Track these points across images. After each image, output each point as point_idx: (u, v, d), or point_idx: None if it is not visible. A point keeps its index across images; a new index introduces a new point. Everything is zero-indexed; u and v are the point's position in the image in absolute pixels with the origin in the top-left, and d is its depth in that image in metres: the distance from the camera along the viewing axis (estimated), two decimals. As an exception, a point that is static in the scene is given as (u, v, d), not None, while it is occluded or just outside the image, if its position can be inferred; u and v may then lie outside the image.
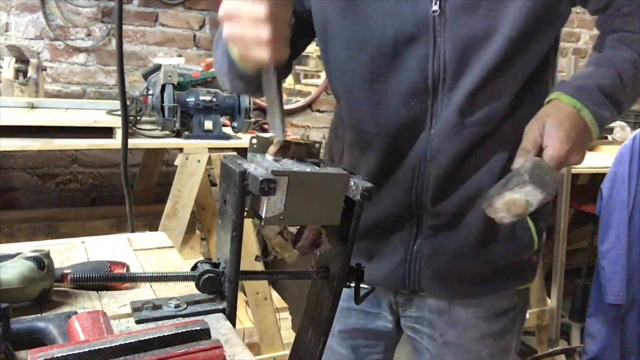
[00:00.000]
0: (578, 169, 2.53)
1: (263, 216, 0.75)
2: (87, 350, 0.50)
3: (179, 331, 0.56)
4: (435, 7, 0.89)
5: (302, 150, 0.81)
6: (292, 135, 2.76)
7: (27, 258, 0.80)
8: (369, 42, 0.95)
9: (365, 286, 0.88)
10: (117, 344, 0.52)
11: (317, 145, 0.82)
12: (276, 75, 0.79)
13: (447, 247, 1.01)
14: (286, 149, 0.78)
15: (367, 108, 1.00)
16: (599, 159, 2.71)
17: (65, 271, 0.85)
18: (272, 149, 0.79)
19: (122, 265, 0.93)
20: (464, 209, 0.99)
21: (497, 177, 0.96)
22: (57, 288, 0.85)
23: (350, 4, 0.95)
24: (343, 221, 0.79)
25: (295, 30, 1.01)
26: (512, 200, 0.86)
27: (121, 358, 0.51)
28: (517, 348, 1.17)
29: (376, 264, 1.07)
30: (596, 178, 2.90)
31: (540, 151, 0.89)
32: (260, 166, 0.76)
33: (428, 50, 0.92)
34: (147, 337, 0.54)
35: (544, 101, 0.95)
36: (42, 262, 0.80)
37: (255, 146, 0.81)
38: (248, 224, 2.06)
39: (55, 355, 0.49)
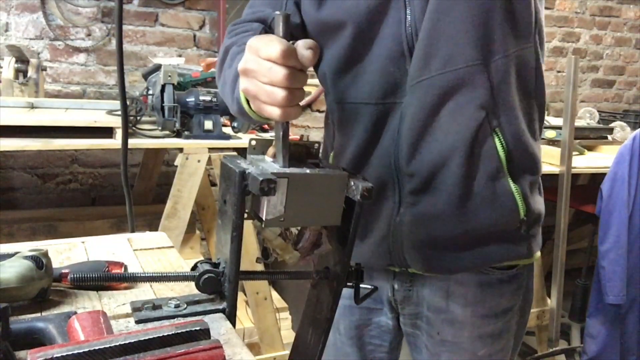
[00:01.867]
0: (578, 169, 2.53)
1: (263, 218, 0.75)
2: (86, 350, 0.50)
3: (179, 331, 0.56)
4: None
5: (302, 151, 0.81)
6: (292, 135, 2.76)
7: (26, 257, 0.80)
8: (346, 22, 0.97)
9: (367, 286, 0.88)
10: (117, 344, 0.52)
11: (316, 145, 0.82)
12: (285, 131, 0.77)
13: (425, 213, 1.00)
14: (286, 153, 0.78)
15: (351, 80, 1.01)
16: (599, 159, 2.71)
17: (63, 271, 0.85)
18: (271, 150, 0.79)
19: (120, 265, 0.93)
20: (437, 170, 0.98)
21: (470, 139, 0.96)
22: (56, 287, 0.85)
23: None
24: (343, 221, 0.79)
25: (301, 35, 1.04)
26: None
27: (121, 358, 0.51)
28: (517, 349, 1.16)
29: (365, 241, 1.06)
30: (596, 178, 2.90)
31: None
32: (260, 168, 0.76)
33: (400, 14, 0.95)
34: (146, 337, 0.54)
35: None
36: (40, 261, 0.80)
37: (254, 148, 0.81)
38: (248, 224, 2.06)
39: (55, 355, 0.49)
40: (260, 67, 0.73)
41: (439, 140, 0.97)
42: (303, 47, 0.73)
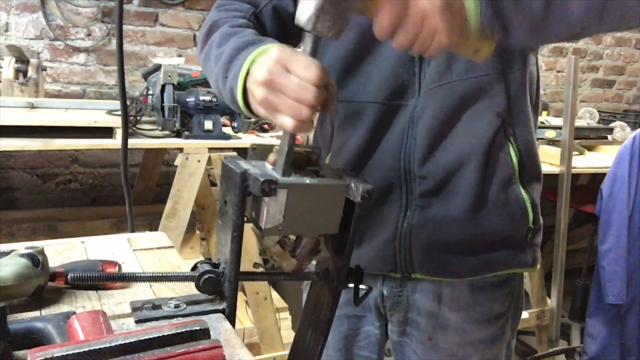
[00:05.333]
0: (578, 169, 2.53)
1: (262, 227, 0.75)
2: (86, 349, 0.50)
3: (179, 331, 0.56)
4: None
5: (302, 158, 0.81)
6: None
7: (22, 255, 0.80)
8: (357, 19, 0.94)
9: (362, 287, 0.88)
10: (117, 343, 0.52)
11: (317, 151, 0.82)
12: (294, 139, 0.76)
13: (437, 216, 1.00)
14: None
15: (356, 79, 1.01)
16: (599, 159, 2.71)
17: (58, 270, 0.86)
18: (271, 157, 0.79)
19: (115, 264, 0.93)
20: (452, 174, 0.98)
21: (487, 145, 0.96)
22: (54, 287, 0.85)
23: None
24: (343, 222, 0.80)
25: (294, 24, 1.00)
26: None
27: (120, 358, 0.51)
28: (510, 356, 1.14)
29: (366, 245, 1.05)
30: (596, 178, 2.90)
31: None
32: (261, 169, 0.76)
33: None
34: (146, 337, 0.54)
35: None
36: (36, 259, 0.80)
37: (254, 153, 0.81)
38: (248, 224, 2.06)
39: (55, 355, 0.49)
40: (290, 83, 0.71)
41: (455, 145, 0.98)
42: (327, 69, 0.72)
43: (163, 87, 2.04)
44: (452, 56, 0.93)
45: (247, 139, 2.27)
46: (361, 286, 0.87)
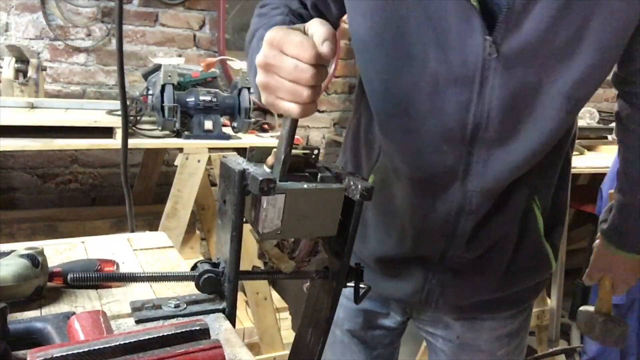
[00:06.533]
0: (578, 169, 2.53)
1: (260, 231, 0.75)
2: (86, 350, 0.50)
3: (179, 331, 0.56)
4: (492, 50, 0.77)
5: (301, 162, 0.81)
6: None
7: (21, 256, 0.80)
8: (406, 74, 0.85)
9: (361, 285, 0.88)
10: (117, 343, 0.52)
11: (315, 152, 0.82)
12: (293, 128, 0.74)
13: (468, 283, 1.01)
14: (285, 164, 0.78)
15: (399, 146, 0.93)
16: (599, 159, 2.70)
17: (55, 270, 0.86)
18: (270, 159, 0.79)
19: (112, 263, 0.93)
20: (489, 253, 0.98)
21: (521, 215, 0.97)
22: (54, 286, 0.85)
23: (388, 22, 0.83)
24: (341, 224, 0.80)
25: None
26: None
27: (121, 358, 0.51)
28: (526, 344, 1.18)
29: (394, 283, 1.05)
30: (596, 178, 2.90)
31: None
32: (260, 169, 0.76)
33: (472, 95, 0.82)
34: (146, 337, 0.54)
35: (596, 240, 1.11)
36: (36, 259, 0.80)
37: (253, 155, 0.81)
38: (247, 225, 2.06)
39: (55, 355, 0.49)
40: (284, 64, 0.68)
41: (494, 229, 0.97)
42: (320, 41, 0.66)
43: (163, 87, 2.04)
44: (523, 164, 0.87)
45: (247, 139, 2.27)
46: (361, 285, 0.87)
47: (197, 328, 0.57)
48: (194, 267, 0.84)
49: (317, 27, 0.67)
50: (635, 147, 1.00)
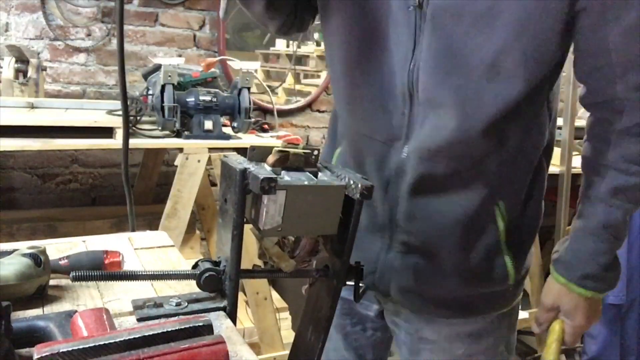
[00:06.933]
0: (578, 169, 2.53)
1: (261, 228, 0.75)
2: (91, 345, 0.50)
3: (182, 327, 0.56)
4: (414, 3, 0.85)
5: (301, 160, 0.81)
6: (292, 135, 2.76)
7: (24, 255, 0.80)
8: (363, 25, 0.92)
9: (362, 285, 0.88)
10: (121, 339, 0.52)
11: (315, 152, 0.83)
12: None
13: (417, 268, 0.99)
14: (284, 159, 0.79)
15: (354, 95, 0.98)
16: (598, 159, 2.70)
17: (62, 262, 0.87)
18: (270, 158, 0.79)
19: (118, 254, 0.94)
20: (437, 237, 0.96)
21: (474, 214, 0.94)
22: (56, 284, 0.86)
23: None
24: (341, 222, 0.80)
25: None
26: None
27: (125, 353, 0.51)
28: (507, 351, 1.11)
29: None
30: (595, 178, 2.90)
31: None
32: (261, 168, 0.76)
33: (407, 54, 0.88)
34: (150, 333, 0.54)
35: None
36: (38, 258, 0.81)
37: (253, 155, 0.81)
38: (247, 225, 2.06)
39: (61, 350, 0.49)
40: None
41: (441, 211, 0.95)
42: None
43: (163, 87, 2.04)
44: (445, 131, 0.89)
45: (247, 139, 2.27)
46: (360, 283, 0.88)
47: (201, 324, 0.57)
48: (195, 266, 0.84)
49: None
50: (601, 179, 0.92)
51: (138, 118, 2.17)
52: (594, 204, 0.92)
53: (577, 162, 2.54)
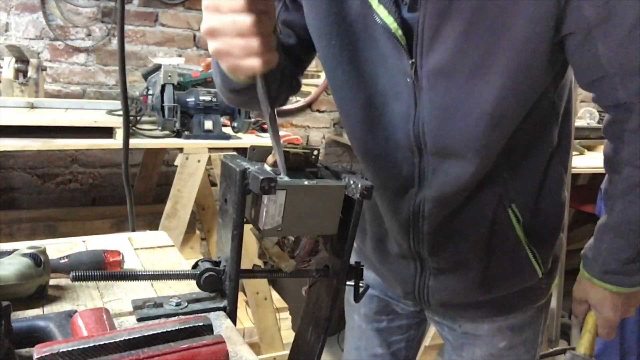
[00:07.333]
0: (578, 169, 2.53)
1: (261, 228, 0.75)
2: (92, 345, 0.50)
3: (182, 327, 0.56)
4: (411, 73, 0.87)
5: (301, 160, 0.81)
6: (292, 135, 2.76)
7: (24, 255, 0.80)
8: (362, 88, 0.94)
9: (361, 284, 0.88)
10: (121, 339, 0.52)
11: (315, 152, 0.83)
12: (267, 84, 0.76)
13: (450, 285, 1.03)
14: (285, 160, 0.79)
15: (364, 150, 1.00)
16: (599, 159, 2.70)
17: (62, 261, 0.87)
18: (270, 159, 0.79)
19: (118, 253, 0.94)
20: (463, 256, 1.00)
21: (489, 225, 0.96)
22: (56, 284, 0.86)
23: (346, 49, 0.92)
24: (341, 222, 0.80)
25: (297, 47, 1.01)
26: None
27: (125, 353, 0.51)
28: (541, 344, 1.16)
29: (390, 285, 1.14)
30: (596, 178, 2.90)
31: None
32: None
33: (409, 111, 0.90)
34: (150, 333, 0.54)
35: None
36: (38, 258, 0.81)
37: (254, 155, 0.81)
38: (247, 225, 2.06)
39: (61, 350, 0.49)
40: (224, 22, 0.69)
41: (463, 233, 0.98)
42: None
43: (163, 87, 2.04)
44: (453, 170, 0.91)
45: (247, 139, 2.27)
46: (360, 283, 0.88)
47: (201, 324, 0.57)
48: (195, 266, 0.84)
49: None
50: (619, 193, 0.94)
51: (138, 118, 2.17)
52: (613, 200, 0.95)
53: (577, 162, 2.54)
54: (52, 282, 0.85)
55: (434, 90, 0.87)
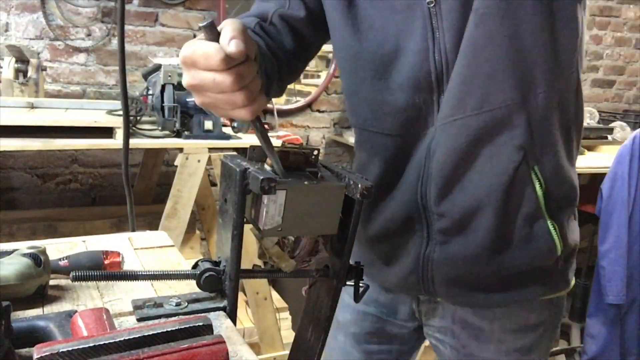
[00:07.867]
0: (578, 169, 2.53)
1: (261, 228, 0.75)
2: (92, 345, 0.50)
3: (182, 327, 0.56)
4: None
5: (301, 160, 0.81)
6: (292, 135, 2.76)
7: (24, 255, 0.80)
8: (370, 39, 0.93)
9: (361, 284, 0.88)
10: (121, 339, 0.52)
11: (315, 152, 0.83)
12: (260, 124, 0.74)
13: (457, 253, 0.97)
14: (285, 159, 0.79)
15: (370, 107, 0.98)
16: (599, 159, 2.71)
17: (62, 262, 0.87)
18: (270, 159, 0.79)
19: (117, 254, 0.94)
20: (471, 212, 0.94)
21: (507, 182, 0.91)
22: (56, 284, 0.86)
23: (349, 4, 0.94)
24: (341, 222, 0.80)
25: (305, 22, 1.00)
26: None
27: (125, 353, 0.51)
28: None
29: (393, 268, 1.05)
30: (596, 178, 2.90)
31: None
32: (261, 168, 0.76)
33: (427, 43, 0.89)
34: (150, 333, 0.54)
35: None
36: (38, 258, 0.81)
37: (254, 155, 0.81)
38: (247, 225, 2.06)
39: (60, 350, 0.49)
40: (204, 81, 0.66)
41: (473, 183, 0.93)
42: (226, 42, 0.64)
43: (163, 87, 2.04)
44: (465, 89, 0.89)
45: (247, 139, 2.27)
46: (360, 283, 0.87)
47: (201, 324, 0.57)
48: (195, 266, 0.84)
49: (224, 28, 0.65)
50: None
51: (138, 118, 2.17)
52: None
53: (577, 162, 2.53)
54: (52, 282, 0.85)
55: (452, 11, 0.87)
